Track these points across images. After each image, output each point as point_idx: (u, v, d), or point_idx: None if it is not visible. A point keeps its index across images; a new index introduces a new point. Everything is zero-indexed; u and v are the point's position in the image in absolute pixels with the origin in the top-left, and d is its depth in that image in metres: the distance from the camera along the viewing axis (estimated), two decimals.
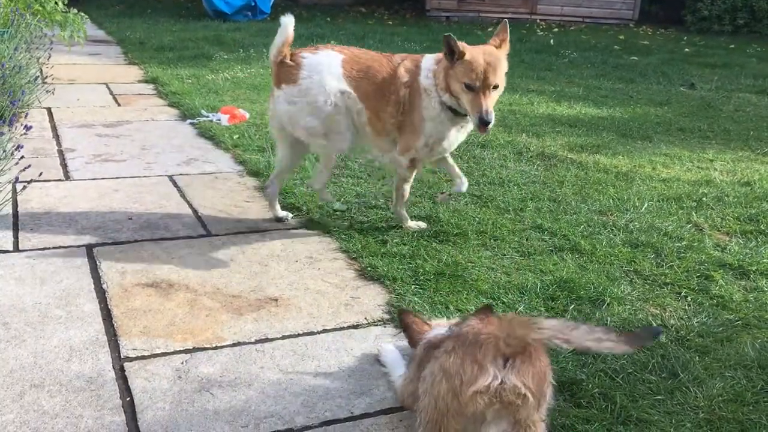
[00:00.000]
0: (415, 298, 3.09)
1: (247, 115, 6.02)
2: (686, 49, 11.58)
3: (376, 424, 2.30)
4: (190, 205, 4.11)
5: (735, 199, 4.44)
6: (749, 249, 3.72)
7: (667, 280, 3.35)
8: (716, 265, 3.51)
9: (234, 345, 2.72)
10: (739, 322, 3.01)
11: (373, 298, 3.14)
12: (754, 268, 3.48)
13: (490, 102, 3.28)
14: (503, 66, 3.34)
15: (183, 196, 4.26)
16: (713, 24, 14.04)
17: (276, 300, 3.08)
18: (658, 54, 10.96)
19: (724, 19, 14.00)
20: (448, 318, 2.75)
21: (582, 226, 3.94)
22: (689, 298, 3.19)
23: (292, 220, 3.97)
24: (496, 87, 3.31)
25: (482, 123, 3.26)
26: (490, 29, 13.07)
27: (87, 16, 6.23)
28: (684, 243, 3.75)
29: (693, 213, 4.20)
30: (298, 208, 4.09)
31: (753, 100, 7.72)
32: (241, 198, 4.28)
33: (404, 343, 2.61)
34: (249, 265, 3.40)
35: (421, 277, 3.29)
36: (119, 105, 6.46)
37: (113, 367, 2.54)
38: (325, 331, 2.86)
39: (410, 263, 3.42)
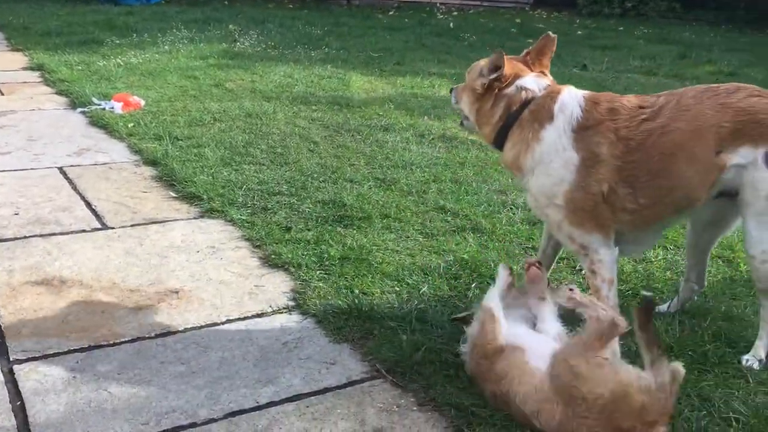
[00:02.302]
0: (321, 284, 3.08)
1: (142, 102, 5.81)
2: (579, 32, 12.00)
3: (283, 412, 2.28)
4: (83, 198, 3.93)
5: None
6: None
7: (563, 255, 3.46)
8: None
9: (133, 340, 2.63)
10: (630, 291, 3.17)
11: (278, 286, 3.11)
12: None
13: None
14: None
15: (75, 188, 4.06)
16: (603, 7, 14.61)
17: (177, 292, 3.00)
18: None
19: (614, 2, 14.59)
20: None
21: (483, 206, 4.03)
22: (583, 272, 3.31)
23: (193, 208, 3.87)
24: None
25: None
26: (391, 12, 13.11)
27: None
28: None
29: None
30: (199, 198, 3.98)
31: (641, 80, 8.09)
32: (138, 188, 4.13)
33: None
34: (147, 258, 3.29)
35: (326, 263, 3.28)
36: (2, 94, 6.09)
37: (1, 371, 2.40)
38: (228, 321, 2.80)
39: (315, 249, 3.40)
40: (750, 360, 2.64)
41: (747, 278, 3.26)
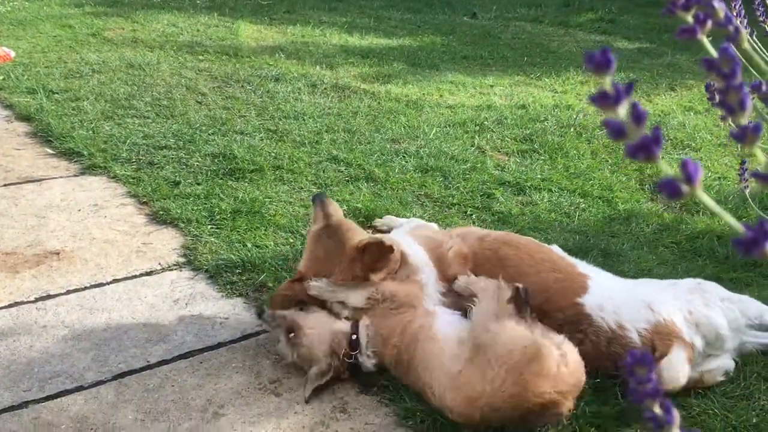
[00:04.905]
0: (212, 239, 3.01)
1: (13, 54, 5.39)
2: None
3: (176, 369, 2.24)
4: None
5: (512, 122, 4.77)
6: (524, 167, 4.03)
7: (455, 201, 3.54)
8: (497, 184, 3.76)
9: (10, 306, 2.49)
10: (518, 232, 3.27)
11: (167, 243, 3.01)
12: (528, 184, 3.78)
13: None
14: None
15: None
16: None
17: (58, 253, 2.85)
18: None
19: None
20: None
21: (376, 155, 4.03)
22: (474, 216, 3.41)
23: (73, 165, 3.66)
24: None
25: None
26: None
27: None
28: (468, 165, 3.98)
29: (476, 136, 4.45)
30: (79, 154, 3.78)
31: (528, 28, 8.26)
32: (10, 146, 3.87)
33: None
34: (24, 219, 3.10)
35: (218, 217, 3.20)
36: None
37: None
38: (115, 281, 2.70)
39: (205, 203, 3.31)
40: None
41: (625, 217, 3.45)
